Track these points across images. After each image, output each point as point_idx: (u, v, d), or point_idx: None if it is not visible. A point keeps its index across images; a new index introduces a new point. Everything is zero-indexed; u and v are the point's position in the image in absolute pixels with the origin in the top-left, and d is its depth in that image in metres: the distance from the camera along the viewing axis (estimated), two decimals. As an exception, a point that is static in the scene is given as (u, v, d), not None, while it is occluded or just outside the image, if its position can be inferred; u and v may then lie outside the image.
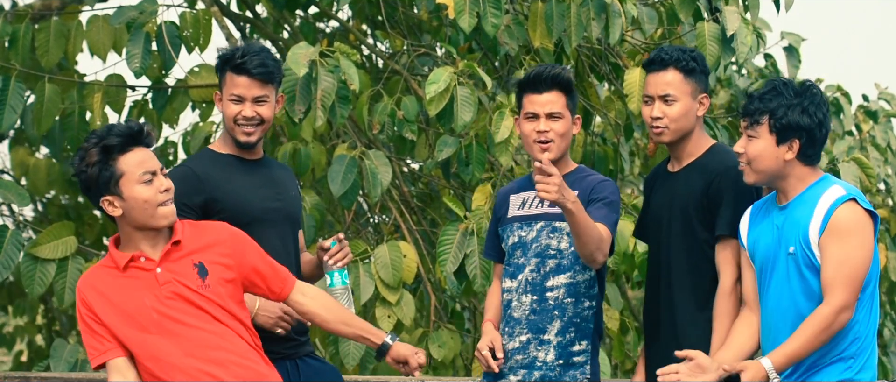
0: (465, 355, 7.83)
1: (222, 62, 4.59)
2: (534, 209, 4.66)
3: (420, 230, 7.55)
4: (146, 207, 3.93)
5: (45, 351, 10.05)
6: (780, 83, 4.26)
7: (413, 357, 4.25)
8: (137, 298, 3.93)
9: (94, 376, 5.76)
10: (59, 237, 6.03)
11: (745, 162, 4.26)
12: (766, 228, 4.30)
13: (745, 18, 6.92)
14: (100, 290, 3.96)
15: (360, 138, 7.18)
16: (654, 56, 4.68)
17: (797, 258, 4.16)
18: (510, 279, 4.68)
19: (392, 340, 4.24)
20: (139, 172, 3.93)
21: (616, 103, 7.68)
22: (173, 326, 3.92)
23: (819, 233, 4.12)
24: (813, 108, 4.19)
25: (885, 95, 9.85)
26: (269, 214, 4.56)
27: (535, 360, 4.58)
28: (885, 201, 9.76)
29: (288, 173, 4.84)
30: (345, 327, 4.22)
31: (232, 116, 4.54)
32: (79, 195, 10.01)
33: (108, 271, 4.00)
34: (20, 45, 7.06)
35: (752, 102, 4.25)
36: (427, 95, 6.18)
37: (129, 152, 3.93)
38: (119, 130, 3.94)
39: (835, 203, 4.12)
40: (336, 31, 9.00)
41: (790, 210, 4.22)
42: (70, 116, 7.27)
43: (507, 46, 7.00)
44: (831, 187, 4.19)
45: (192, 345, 3.91)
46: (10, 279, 9.36)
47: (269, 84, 4.56)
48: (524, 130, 4.67)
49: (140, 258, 3.97)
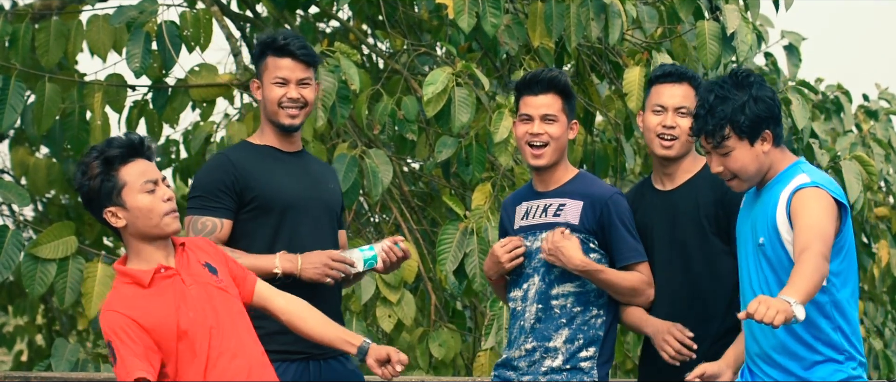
0: (466, 354, 7.84)
1: (262, 47, 4.58)
2: (537, 219, 4.61)
3: (420, 230, 7.55)
4: (150, 215, 3.91)
5: (46, 351, 10.05)
6: (715, 86, 4.12)
7: (395, 353, 4.15)
8: (169, 310, 3.87)
9: (95, 376, 5.77)
10: (59, 237, 6.03)
11: (729, 178, 4.16)
12: (743, 216, 4.25)
13: (745, 17, 6.92)
14: (133, 312, 3.86)
15: (360, 138, 7.18)
16: (668, 68, 4.65)
17: (765, 249, 4.09)
18: (516, 289, 4.65)
19: (367, 344, 4.13)
20: (141, 181, 3.90)
21: (616, 102, 7.68)
22: (207, 326, 3.88)
23: (787, 217, 4.03)
24: (761, 91, 4.10)
25: (886, 95, 9.86)
26: (303, 202, 4.55)
27: (541, 365, 4.56)
28: (886, 199, 9.77)
29: (327, 167, 4.83)
30: (323, 332, 4.14)
31: (276, 99, 4.53)
32: (79, 195, 10.00)
33: (132, 292, 3.91)
34: (20, 45, 7.06)
35: (705, 121, 4.09)
36: (425, 96, 6.18)
37: (130, 163, 3.91)
38: (119, 143, 3.92)
39: (796, 189, 4.04)
40: (336, 30, 9.00)
41: (762, 197, 4.16)
42: (70, 115, 7.27)
43: (507, 46, 7.00)
44: (799, 174, 4.10)
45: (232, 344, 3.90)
46: (10, 279, 9.35)
47: (311, 67, 4.58)
48: (517, 132, 4.63)
49: (161, 270, 3.94)
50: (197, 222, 4.47)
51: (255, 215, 4.50)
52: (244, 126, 7.38)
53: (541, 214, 4.62)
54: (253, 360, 3.93)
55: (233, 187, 4.47)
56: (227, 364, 3.88)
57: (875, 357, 8.53)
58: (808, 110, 7.31)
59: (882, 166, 9.05)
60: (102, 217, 3.93)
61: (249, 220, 4.50)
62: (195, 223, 4.47)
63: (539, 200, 4.64)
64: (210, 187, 4.49)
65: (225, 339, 3.89)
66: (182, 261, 3.96)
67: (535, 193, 4.67)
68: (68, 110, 7.26)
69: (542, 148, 4.56)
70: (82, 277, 6.08)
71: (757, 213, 4.16)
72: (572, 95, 4.64)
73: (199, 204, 4.49)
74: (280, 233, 4.52)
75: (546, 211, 4.60)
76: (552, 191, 4.63)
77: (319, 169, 4.73)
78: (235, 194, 4.48)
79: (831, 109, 9.25)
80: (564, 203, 4.58)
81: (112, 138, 3.98)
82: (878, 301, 10.02)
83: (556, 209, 4.59)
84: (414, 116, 6.72)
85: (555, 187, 4.63)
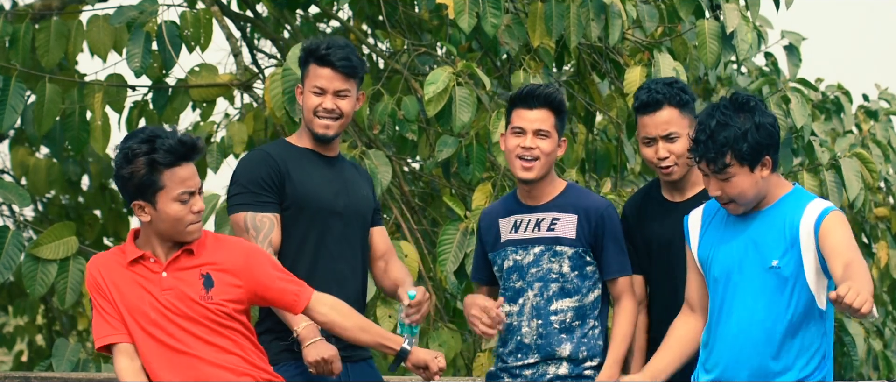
0: (466, 354, 7.84)
1: (306, 54, 4.59)
2: (530, 233, 4.61)
3: (421, 230, 7.55)
4: (176, 224, 3.93)
5: (46, 351, 10.05)
6: (716, 111, 4.10)
7: (433, 361, 4.23)
8: (138, 294, 3.94)
9: (95, 376, 5.76)
10: (60, 238, 6.03)
11: (726, 202, 4.15)
12: (729, 236, 4.21)
13: (745, 16, 6.92)
14: (110, 276, 3.97)
15: (360, 138, 7.18)
16: (646, 99, 4.62)
17: (781, 271, 4.09)
18: (510, 304, 4.65)
19: (409, 345, 4.23)
20: (179, 190, 3.90)
21: (617, 101, 7.68)
22: (165, 332, 3.94)
23: (814, 241, 4.05)
24: (762, 117, 4.10)
25: (886, 95, 9.86)
26: (335, 208, 4.56)
27: (545, 374, 4.57)
28: (886, 200, 9.77)
29: (362, 173, 4.83)
30: (363, 334, 4.19)
31: (312, 107, 4.53)
32: (79, 195, 10.02)
33: (116, 260, 4.00)
34: (20, 45, 7.06)
35: (706, 148, 4.08)
36: (426, 95, 6.18)
37: (177, 167, 3.91)
38: (170, 146, 3.89)
39: (824, 213, 4.07)
40: (336, 30, 9.00)
41: (761, 221, 4.16)
42: (70, 116, 7.27)
43: (508, 46, 7.00)
44: (813, 199, 4.14)
45: (175, 356, 3.93)
46: (10, 280, 9.35)
47: (351, 78, 4.56)
48: (509, 145, 4.61)
49: (149, 259, 3.97)
50: (254, 219, 4.46)
51: (287, 216, 4.51)
52: (244, 126, 7.38)
53: (533, 228, 4.61)
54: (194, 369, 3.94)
55: (275, 183, 4.48)
56: (159, 368, 3.93)
57: (875, 358, 8.52)
58: (807, 108, 7.31)
59: (882, 167, 9.05)
60: (130, 205, 3.94)
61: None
62: (253, 220, 4.46)
63: (530, 214, 4.63)
64: (257, 181, 4.50)
65: (166, 352, 3.93)
66: (177, 262, 3.97)
67: (524, 206, 4.65)
68: (68, 111, 7.25)
69: (533, 162, 4.56)
70: (83, 277, 6.08)
71: (759, 236, 4.15)
72: (565, 113, 4.65)
73: (249, 200, 4.48)
74: (308, 236, 4.53)
75: (539, 226, 4.60)
76: (543, 205, 4.62)
77: (355, 175, 4.74)
78: (277, 189, 4.49)
79: (831, 110, 9.25)
80: (558, 218, 4.59)
81: (163, 134, 3.92)
82: (878, 302, 10.02)
83: (549, 224, 4.59)
84: (414, 116, 6.72)
85: (546, 201, 4.62)
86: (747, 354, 4.13)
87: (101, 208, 10.05)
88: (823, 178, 7.13)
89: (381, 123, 6.72)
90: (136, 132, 3.95)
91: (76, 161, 9.38)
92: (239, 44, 7.97)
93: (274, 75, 6.33)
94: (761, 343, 4.10)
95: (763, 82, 7.59)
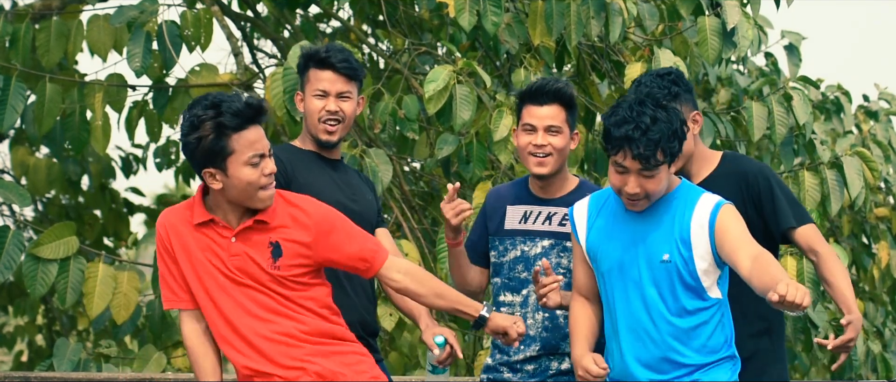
0: (466, 354, 7.83)
1: (305, 60, 4.60)
2: (540, 226, 4.58)
3: (421, 229, 7.55)
4: (248, 188, 3.87)
5: (46, 351, 10.06)
6: (646, 108, 4.02)
7: (512, 327, 4.17)
8: (207, 257, 3.91)
9: (95, 376, 5.76)
10: (60, 238, 6.03)
11: (640, 198, 4.08)
12: (618, 230, 4.18)
13: (745, 13, 6.92)
14: (178, 236, 3.94)
15: (360, 137, 7.18)
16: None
17: (673, 265, 4.06)
18: (512, 293, 4.61)
19: (488, 312, 4.17)
20: (249, 153, 3.85)
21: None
22: (229, 297, 3.91)
23: (707, 233, 4.04)
24: (676, 117, 4.06)
25: (886, 95, 9.86)
26: (340, 211, 4.56)
27: (548, 368, 4.56)
28: (886, 200, 9.76)
29: (365, 178, 4.85)
30: (439, 300, 4.12)
31: (316, 111, 4.54)
32: (79, 195, 10.02)
33: (185, 219, 3.95)
34: (21, 45, 7.07)
35: (641, 146, 3.98)
36: (426, 93, 6.18)
37: (244, 130, 3.85)
38: (236, 108, 3.82)
39: (718, 206, 4.06)
40: (337, 30, 9.01)
41: (657, 215, 4.12)
42: (71, 115, 7.27)
43: (508, 45, 7.00)
44: (703, 193, 4.12)
45: (242, 319, 3.91)
46: (11, 280, 9.36)
47: (352, 81, 4.57)
48: (520, 142, 4.57)
49: (219, 223, 3.93)
50: None
51: None
52: (245, 126, 7.37)
53: (544, 221, 4.59)
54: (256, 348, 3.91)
55: (281, 184, 4.49)
56: (223, 332, 3.93)
57: (873, 359, 8.50)
58: (808, 106, 7.31)
59: (882, 167, 9.05)
60: (200, 174, 3.89)
61: None
62: None
63: (541, 206, 4.60)
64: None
65: (233, 314, 3.90)
66: (247, 230, 3.91)
67: (536, 198, 4.62)
68: (69, 110, 7.25)
69: (546, 157, 4.52)
70: (83, 277, 6.09)
71: (650, 230, 4.11)
72: (575, 106, 4.60)
73: None
74: None
75: (550, 219, 4.57)
76: (556, 200, 4.59)
77: (358, 179, 4.75)
78: (285, 188, 4.50)
79: (831, 110, 9.25)
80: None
81: (227, 98, 3.86)
82: (878, 302, 10.01)
83: (560, 219, 4.56)
84: (415, 115, 6.72)
85: (559, 196, 4.59)
86: (644, 346, 4.12)
87: (101, 208, 10.06)
88: (824, 176, 7.13)
89: (382, 123, 6.72)
90: (199, 99, 3.89)
91: (76, 161, 9.39)
92: (239, 44, 7.98)
93: (274, 75, 6.33)
94: (656, 335, 4.10)
95: (763, 82, 7.59)
